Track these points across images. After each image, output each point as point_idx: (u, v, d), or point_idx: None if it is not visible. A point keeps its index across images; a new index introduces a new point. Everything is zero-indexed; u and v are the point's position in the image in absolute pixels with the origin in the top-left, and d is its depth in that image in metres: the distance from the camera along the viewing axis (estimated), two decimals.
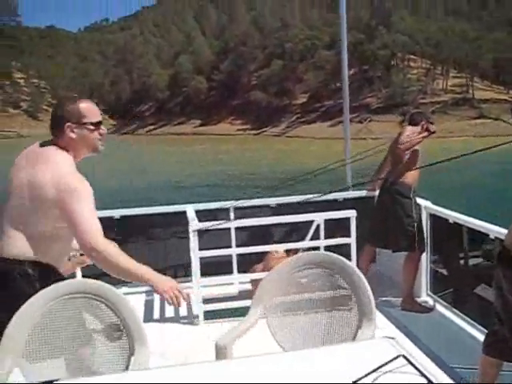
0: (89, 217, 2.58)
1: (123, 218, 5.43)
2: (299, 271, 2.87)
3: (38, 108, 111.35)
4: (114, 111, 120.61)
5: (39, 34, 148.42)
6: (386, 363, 1.67)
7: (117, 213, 5.42)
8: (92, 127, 2.76)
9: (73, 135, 2.71)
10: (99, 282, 2.55)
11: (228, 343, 2.57)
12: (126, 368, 2.39)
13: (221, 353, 2.54)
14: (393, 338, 1.98)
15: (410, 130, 5.00)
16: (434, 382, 1.59)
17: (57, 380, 1.79)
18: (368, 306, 2.68)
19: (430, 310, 4.85)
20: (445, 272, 5.08)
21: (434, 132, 4.94)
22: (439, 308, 4.82)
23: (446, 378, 1.73)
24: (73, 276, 4.44)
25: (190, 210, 5.10)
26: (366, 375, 1.62)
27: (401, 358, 1.72)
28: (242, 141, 68.24)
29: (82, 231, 2.55)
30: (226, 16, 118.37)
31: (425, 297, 5.09)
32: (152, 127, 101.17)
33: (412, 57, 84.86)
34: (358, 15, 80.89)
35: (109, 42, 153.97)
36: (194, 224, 4.61)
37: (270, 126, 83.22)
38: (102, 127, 2.84)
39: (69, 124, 2.71)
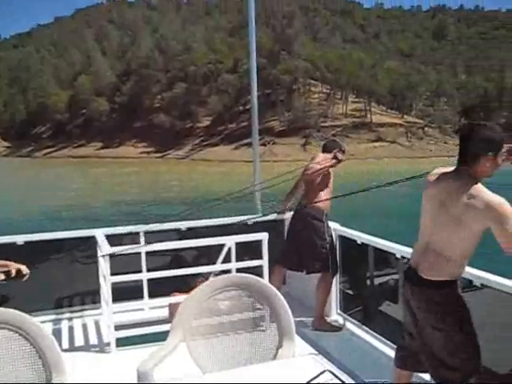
0: None
1: (27, 243, 5.21)
2: (217, 294, 2.91)
3: None
4: (7, 133, 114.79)
5: None
6: (314, 378, 1.75)
7: (20, 238, 5.19)
8: None
9: None
10: (13, 311, 2.51)
11: (149, 369, 2.52)
12: None
13: (142, 378, 2.49)
14: (317, 354, 2.28)
15: (321, 157, 5.16)
16: None
17: None
18: (288, 325, 2.77)
19: (340, 328, 5.00)
20: (353, 291, 5.27)
21: (341, 160, 5.06)
22: (349, 326, 4.97)
23: None
24: None
25: (100, 234, 4.98)
26: None
27: (327, 373, 1.80)
28: (146, 164, 66.95)
29: None
30: (129, 38, 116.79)
31: (335, 316, 5.24)
32: (50, 150, 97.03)
33: (313, 82, 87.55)
34: (261, 41, 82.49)
35: (1, 59, 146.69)
36: (105, 249, 4.49)
37: (173, 149, 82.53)
38: None
39: None
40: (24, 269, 3.49)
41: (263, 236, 4.72)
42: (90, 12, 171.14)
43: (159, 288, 4.96)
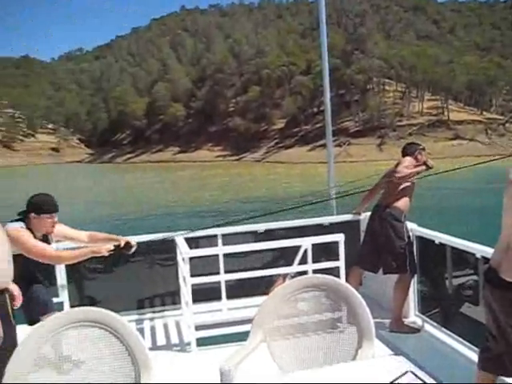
0: None
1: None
2: (296, 295, 2.92)
3: (13, 138, 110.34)
4: (90, 140, 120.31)
5: (13, 63, 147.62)
6: (397, 378, 1.71)
7: None
8: None
9: None
10: (104, 311, 2.60)
11: (232, 367, 2.57)
12: None
13: (225, 377, 2.54)
14: (399, 355, 2.07)
15: (408, 161, 5.09)
16: None
17: None
18: (367, 326, 2.75)
19: (419, 330, 4.90)
20: (432, 292, 5.17)
21: (431, 167, 5.01)
22: (428, 328, 4.87)
23: None
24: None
25: (179, 237, 5.11)
26: None
27: (409, 374, 1.77)
28: (225, 167, 68.25)
29: None
30: (203, 44, 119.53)
31: (413, 317, 5.13)
32: (130, 155, 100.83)
33: (387, 80, 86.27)
34: (333, 41, 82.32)
35: (84, 71, 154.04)
36: (185, 251, 4.61)
37: (249, 152, 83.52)
38: None
39: None
40: (132, 241, 3.73)
41: (340, 237, 4.73)
42: (165, 21, 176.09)
43: (236, 289, 5.03)
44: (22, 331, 2.94)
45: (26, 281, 3.72)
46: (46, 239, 3.87)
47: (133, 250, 3.71)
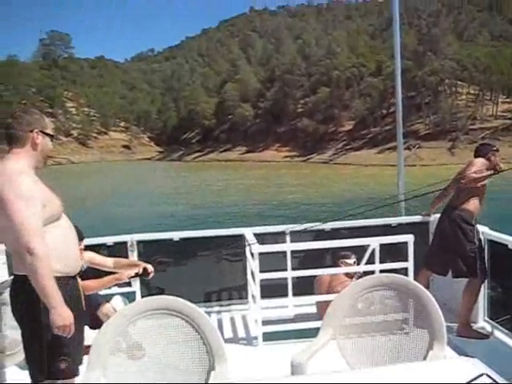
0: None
1: (182, 240, 5.56)
2: (367, 293, 2.94)
3: (88, 135, 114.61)
4: (160, 138, 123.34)
5: (89, 64, 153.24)
6: (472, 380, 1.69)
7: (176, 235, 5.57)
8: (51, 139, 3.05)
9: (37, 141, 2.93)
10: (180, 300, 2.66)
11: (303, 361, 2.63)
12: (206, 382, 2.50)
13: (297, 370, 2.60)
14: (472, 357, 2.03)
15: (479, 163, 4.99)
16: None
17: None
18: (439, 328, 2.71)
19: (488, 336, 4.78)
20: (503, 298, 4.99)
21: (502, 170, 4.93)
22: (498, 334, 4.73)
23: None
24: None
25: (249, 232, 5.15)
26: None
27: (484, 377, 1.73)
28: (293, 167, 68.43)
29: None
30: (272, 45, 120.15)
31: (482, 322, 5.01)
32: (198, 154, 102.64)
33: (460, 83, 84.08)
34: (404, 42, 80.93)
35: (155, 71, 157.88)
36: (255, 247, 4.66)
37: (316, 153, 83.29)
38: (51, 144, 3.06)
39: (36, 130, 2.93)
40: (149, 268, 3.76)
41: (409, 238, 4.68)
42: (234, 22, 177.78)
43: (303, 286, 5.06)
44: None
45: None
46: None
47: (151, 276, 3.77)
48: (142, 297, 4.91)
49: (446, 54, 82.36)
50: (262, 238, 5.11)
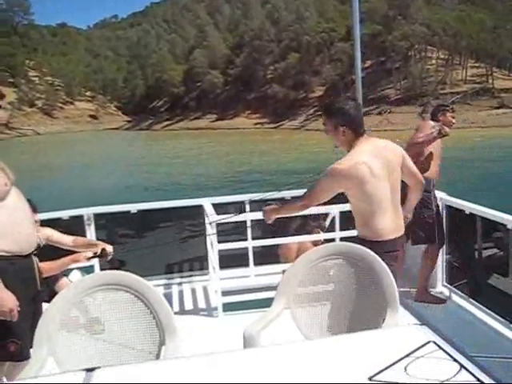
0: None
1: (140, 212, 5.48)
2: (322, 262, 2.88)
3: (53, 105, 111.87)
4: (128, 107, 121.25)
5: (51, 31, 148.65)
6: (417, 349, 1.70)
7: (133, 207, 5.48)
8: None
9: None
10: (132, 275, 2.60)
11: (255, 332, 2.60)
12: (157, 357, 2.45)
13: (249, 342, 2.56)
14: (421, 325, 1.99)
15: (426, 126, 4.85)
16: (466, 366, 1.60)
17: (95, 367, 1.81)
18: (392, 295, 2.71)
19: (445, 300, 4.83)
20: (460, 263, 5.04)
21: (446, 135, 4.70)
22: (455, 298, 4.81)
23: (475, 364, 1.70)
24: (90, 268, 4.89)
25: (207, 203, 5.13)
26: (397, 361, 1.64)
27: (431, 344, 1.75)
28: (265, 134, 68.17)
29: None
30: (239, 10, 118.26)
31: (440, 287, 5.08)
32: (167, 122, 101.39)
33: (430, 47, 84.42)
34: (375, 6, 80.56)
35: (120, 38, 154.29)
36: (212, 217, 4.64)
37: (287, 120, 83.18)
38: (4, 114, 2.87)
39: None
40: (109, 248, 3.69)
41: None
42: None
43: (265, 256, 5.08)
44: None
45: None
46: None
47: (109, 257, 3.71)
48: (101, 269, 4.90)
49: (415, 19, 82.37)
50: (224, 208, 5.11)
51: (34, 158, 44.37)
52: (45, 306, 2.95)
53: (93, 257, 3.66)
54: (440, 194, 4.97)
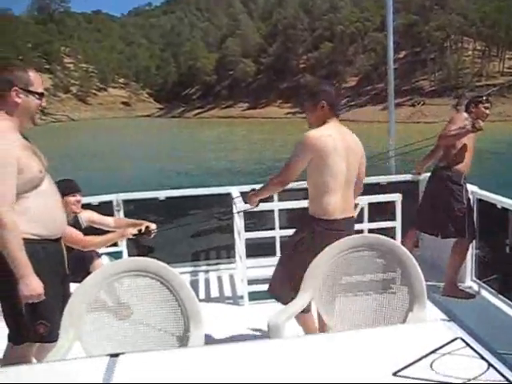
0: None
1: (168, 199, 5.48)
2: (350, 253, 2.86)
3: (88, 92, 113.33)
4: (160, 95, 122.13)
5: (86, 19, 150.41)
6: (444, 345, 1.65)
7: (162, 194, 5.49)
8: (37, 96, 2.78)
9: (18, 100, 2.72)
10: (158, 262, 2.59)
11: (281, 323, 2.58)
12: (182, 345, 2.43)
13: (273, 332, 2.54)
14: (449, 321, 1.92)
15: (459, 119, 4.77)
16: (494, 365, 1.56)
17: (119, 353, 1.79)
18: (419, 289, 2.66)
19: (474, 296, 4.76)
20: (490, 258, 4.94)
21: (480, 129, 4.61)
22: (484, 294, 4.73)
23: (503, 363, 1.64)
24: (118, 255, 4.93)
25: (235, 191, 5.07)
26: (423, 357, 1.61)
27: (458, 341, 1.70)
28: (298, 123, 67.92)
29: None
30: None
31: (469, 282, 5.00)
32: (199, 110, 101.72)
33: (466, 38, 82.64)
34: None
35: (154, 26, 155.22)
36: (240, 205, 4.56)
37: None
38: (44, 100, 2.85)
39: (16, 88, 2.71)
40: (152, 226, 3.75)
41: (397, 197, 4.67)
42: None
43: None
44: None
45: None
46: (77, 223, 4.08)
47: (153, 234, 3.77)
48: (129, 255, 5.01)
49: (453, 9, 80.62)
50: None
51: (68, 144, 45.07)
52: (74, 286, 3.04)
53: (137, 234, 3.72)
54: (472, 188, 4.89)
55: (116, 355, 1.77)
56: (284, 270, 3.45)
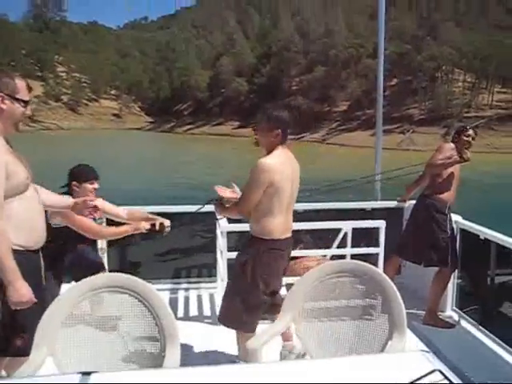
0: None
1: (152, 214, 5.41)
2: (330, 278, 2.87)
3: (79, 101, 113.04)
4: (151, 109, 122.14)
5: (82, 29, 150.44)
6: (422, 377, 1.65)
7: (146, 209, 5.22)
8: (23, 104, 2.78)
9: (3, 106, 2.72)
10: (136, 279, 2.57)
11: (258, 346, 2.57)
12: (157, 364, 2.41)
13: (250, 355, 2.55)
14: (428, 352, 1.92)
15: (446, 148, 4.86)
16: None
17: (91, 371, 1.76)
18: (399, 318, 2.67)
19: (454, 325, 4.75)
20: (472, 288, 5.03)
21: (468, 160, 4.74)
22: (464, 324, 4.72)
23: None
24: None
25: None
26: None
27: (436, 373, 1.69)
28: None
29: None
30: (269, 20, 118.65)
31: (450, 311, 5.00)
32: (190, 126, 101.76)
33: (456, 70, 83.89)
34: (404, 25, 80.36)
35: (149, 40, 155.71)
36: (224, 225, 4.56)
37: (309, 132, 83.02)
38: (29, 108, 2.86)
39: (1, 94, 2.71)
40: (166, 223, 3.76)
41: (381, 224, 4.66)
42: None
43: None
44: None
45: (73, 240, 3.82)
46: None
47: (167, 230, 3.73)
48: (110, 270, 4.88)
49: (445, 41, 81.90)
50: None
51: (54, 152, 44.76)
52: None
53: (151, 230, 3.69)
54: (455, 217, 4.90)
55: (88, 373, 1.72)
56: (233, 296, 3.45)
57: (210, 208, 5.17)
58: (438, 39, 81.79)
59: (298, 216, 5.13)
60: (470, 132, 4.91)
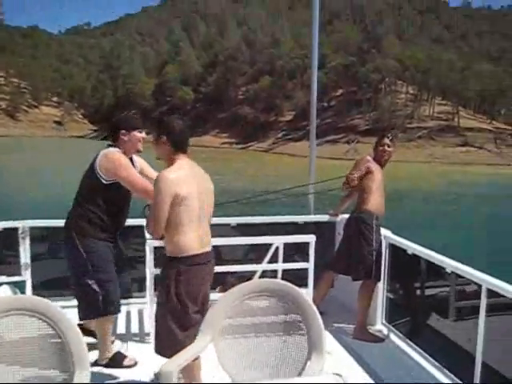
0: None
1: None
2: (249, 298, 2.86)
3: (18, 108, 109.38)
4: (95, 116, 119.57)
5: (21, 33, 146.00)
6: None
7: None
8: None
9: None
10: (46, 301, 2.51)
11: (173, 369, 2.50)
12: None
13: (164, 379, 2.46)
14: (339, 375, 1.94)
15: (362, 160, 4.83)
16: None
17: None
18: (318, 338, 2.68)
19: (383, 339, 4.73)
20: (401, 302, 5.03)
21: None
22: (393, 338, 4.70)
23: None
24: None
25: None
26: None
27: None
28: (226, 154, 68.01)
29: None
30: (215, 29, 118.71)
31: (379, 325, 4.98)
32: None
33: (399, 82, 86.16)
34: (349, 38, 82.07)
35: (92, 47, 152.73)
36: (150, 241, 4.45)
37: (256, 141, 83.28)
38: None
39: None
40: None
41: (311, 238, 4.63)
42: (177, 2, 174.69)
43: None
44: None
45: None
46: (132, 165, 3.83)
47: None
48: (33, 286, 4.80)
49: (388, 53, 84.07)
50: None
51: None
52: None
53: None
54: (385, 232, 4.85)
55: None
56: (164, 322, 3.21)
57: (140, 222, 4.76)
58: (382, 52, 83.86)
59: (232, 230, 5.19)
60: (385, 140, 4.85)
